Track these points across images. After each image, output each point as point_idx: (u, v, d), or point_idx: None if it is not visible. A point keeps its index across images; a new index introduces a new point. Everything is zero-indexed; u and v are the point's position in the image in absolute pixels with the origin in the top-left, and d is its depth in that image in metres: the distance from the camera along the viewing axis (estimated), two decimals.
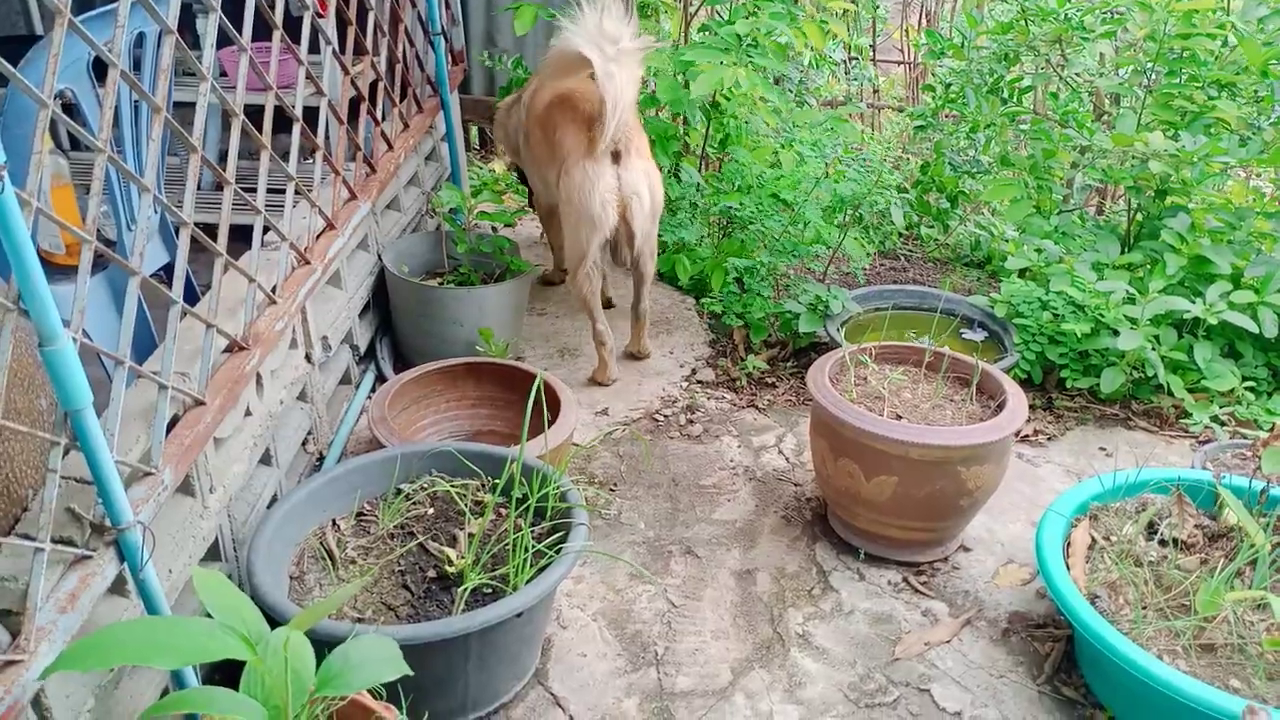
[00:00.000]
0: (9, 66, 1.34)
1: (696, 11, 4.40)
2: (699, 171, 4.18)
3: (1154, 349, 3.14)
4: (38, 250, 1.32)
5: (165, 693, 1.81)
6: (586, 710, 2.13)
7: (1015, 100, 4.36)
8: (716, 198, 3.85)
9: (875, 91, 6.10)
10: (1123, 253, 3.53)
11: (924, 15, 6.06)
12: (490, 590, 2.07)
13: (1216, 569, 2.12)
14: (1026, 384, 3.30)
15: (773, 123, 3.95)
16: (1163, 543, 2.23)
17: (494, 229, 3.63)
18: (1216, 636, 2.01)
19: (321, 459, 2.77)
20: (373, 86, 3.31)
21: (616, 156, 3.14)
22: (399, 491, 2.33)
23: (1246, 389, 3.15)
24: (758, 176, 3.90)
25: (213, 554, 2.10)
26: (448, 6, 4.23)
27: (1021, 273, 3.60)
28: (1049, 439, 3.16)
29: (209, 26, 1.99)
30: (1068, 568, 2.16)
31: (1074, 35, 3.93)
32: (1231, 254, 3.30)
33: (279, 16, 2.37)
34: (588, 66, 2.97)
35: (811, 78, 5.64)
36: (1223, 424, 3.09)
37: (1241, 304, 3.14)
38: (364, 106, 3.15)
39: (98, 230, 1.61)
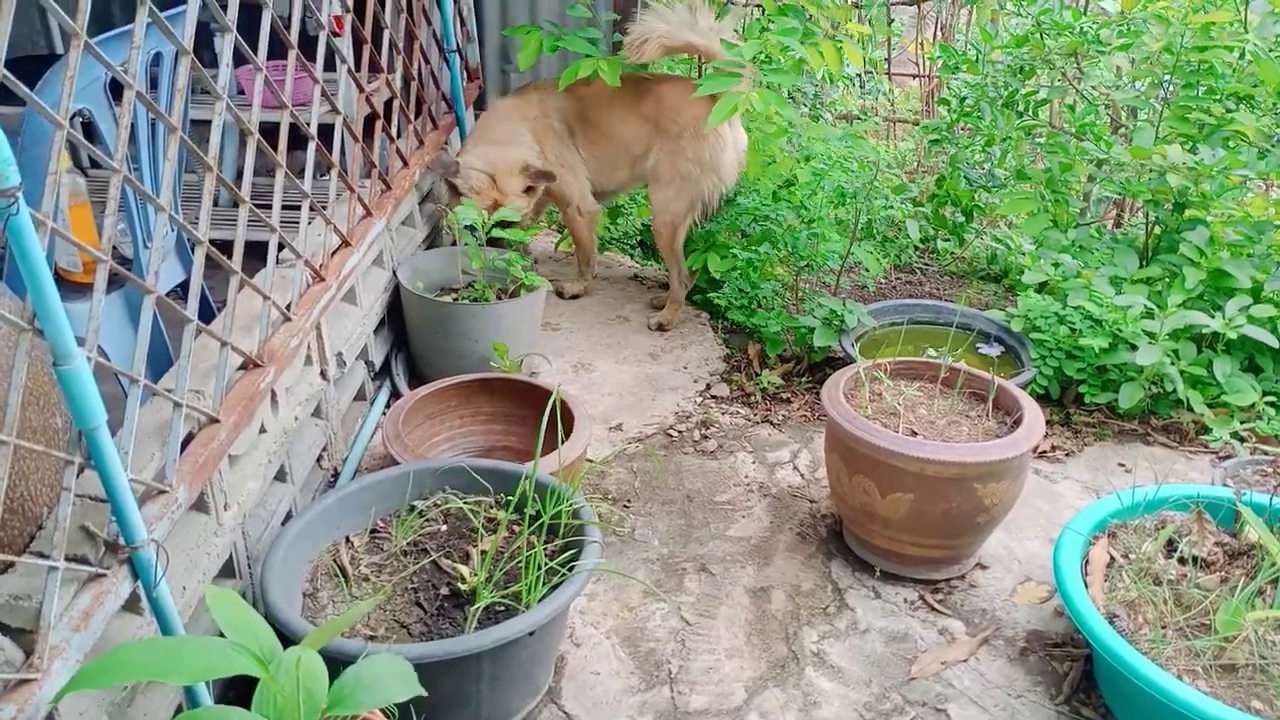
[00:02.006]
0: (25, 89, 1.35)
1: None
2: None
3: (1173, 364, 3.11)
4: (55, 268, 1.33)
5: (178, 711, 1.81)
6: None
7: (1031, 113, 4.35)
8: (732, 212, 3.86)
9: (890, 105, 6.09)
10: (1141, 266, 3.50)
11: (939, 29, 6.06)
12: (503, 608, 2.06)
13: (1237, 588, 2.09)
14: (1044, 399, 3.27)
15: (784, 135, 3.95)
16: (1182, 561, 2.20)
17: (509, 244, 3.64)
18: (1237, 656, 1.98)
19: (336, 475, 2.78)
20: (388, 104, 3.33)
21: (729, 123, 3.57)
22: (412, 508, 2.33)
23: (1267, 404, 3.12)
24: (771, 194, 3.91)
25: (227, 571, 2.11)
26: (463, 24, 4.25)
27: (1040, 287, 3.58)
28: (1067, 455, 3.13)
29: (225, 46, 2.01)
30: (1086, 586, 2.14)
31: (1090, 49, 3.92)
32: (1252, 267, 3.27)
33: (295, 35, 2.39)
34: (670, 54, 3.65)
35: (827, 92, 5.65)
36: (1243, 440, 3.06)
37: (1262, 318, 3.11)
38: (379, 124, 3.16)
39: (114, 248, 1.62)
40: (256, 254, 2.31)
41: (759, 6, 4.03)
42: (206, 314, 2.46)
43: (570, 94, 3.75)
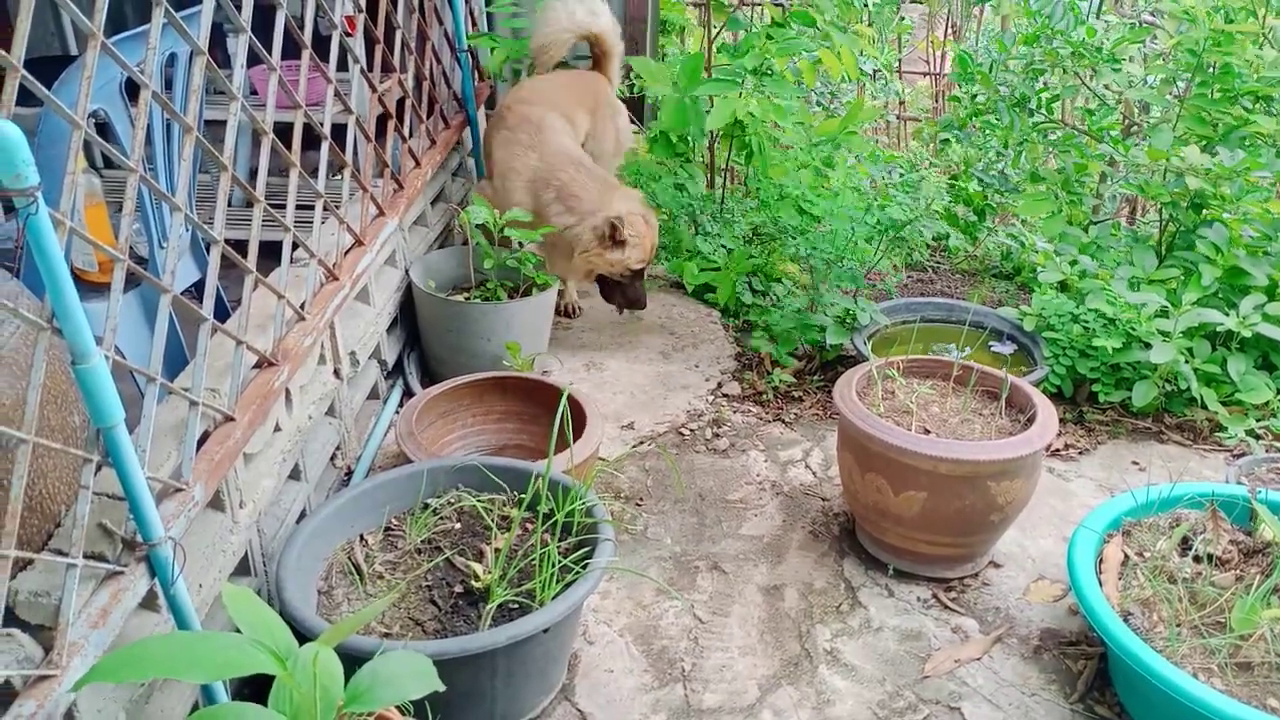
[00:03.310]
0: (44, 89, 1.36)
1: (719, 33, 4.42)
2: (723, 186, 4.20)
3: (1187, 362, 3.10)
4: (71, 268, 1.34)
5: (195, 708, 1.82)
6: None
7: (1044, 110, 4.33)
8: (745, 211, 3.86)
9: (901, 104, 6.08)
10: (1158, 266, 3.48)
11: (949, 27, 6.04)
12: (517, 606, 2.06)
13: (1252, 585, 2.08)
14: (1057, 397, 3.26)
15: (797, 139, 3.96)
16: (1197, 559, 2.20)
17: (520, 244, 3.64)
18: (1253, 654, 1.97)
19: (350, 474, 2.79)
20: (400, 103, 3.34)
21: None
22: (426, 506, 2.34)
23: None
24: (783, 193, 3.91)
25: (242, 569, 2.12)
26: (474, 23, 4.26)
27: (1061, 286, 3.56)
28: (1080, 453, 3.12)
29: (239, 47, 2.02)
30: (1100, 584, 2.13)
31: (1103, 64, 3.91)
32: (1269, 265, 3.26)
33: (308, 36, 2.40)
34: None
35: (843, 91, 5.64)
36: (1258, 437, 3.04)
37: (1277, 316, 3.09)
38: (391, 124, 3.17)
39: (130, 248, 1.63)
40: (270, 253, 2.33)
41: (763, 10, 4.06)
42: (221, 313, 2.47)
43: (544, 105, 3.74)
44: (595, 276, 3.62)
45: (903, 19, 5.86)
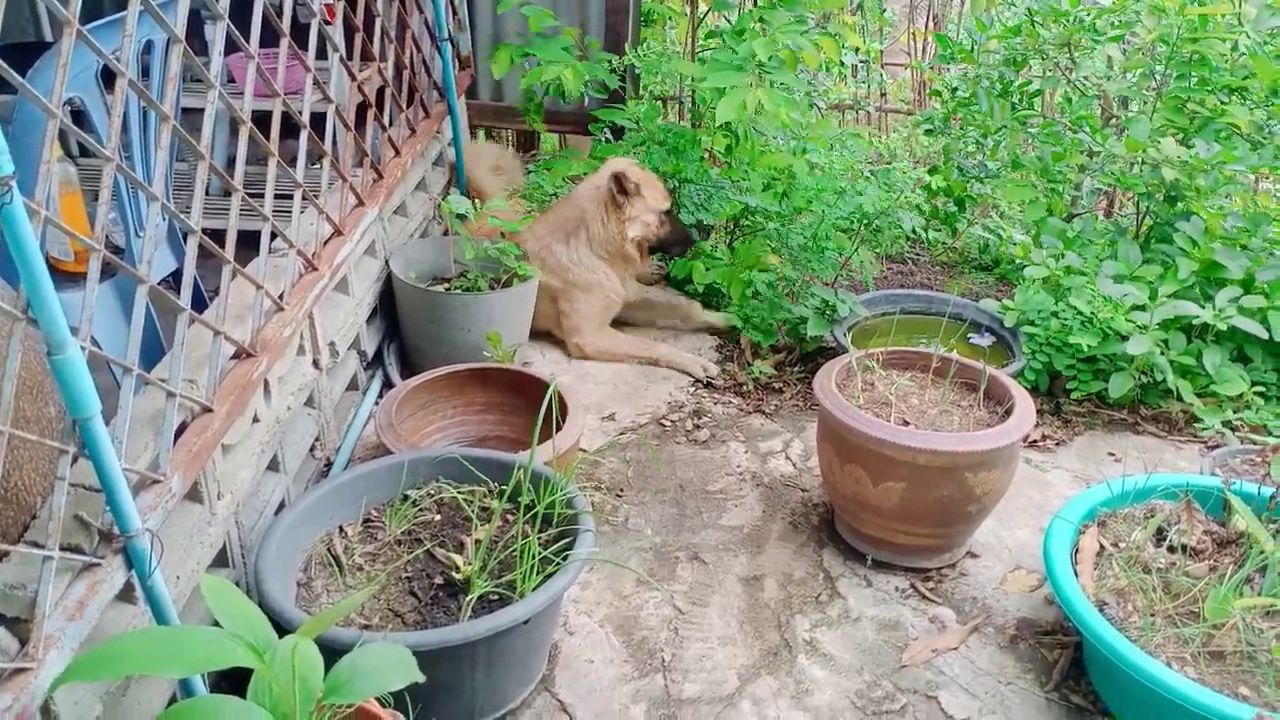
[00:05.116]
0: (18, 77, 1.34)
1: (704, 18, 4.40)
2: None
3: (1163, 354, 3.13)
4: (46, 258, 1.33)
5: (173, 700, 1.81)
6: (593, 717, 2.13)
7: (1025, 104, 4.35)
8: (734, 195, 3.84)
9: (883, 95, 6.10)
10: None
11: (931, 18, 6.05)
12: (497, 597, 2.07)
13: (1225, 576, 2.11)
14: (1033, 391, 3.28)
15: (789, 125, 3.94)
16: (1171, 549, 2.22)
17: (502, 234, 3.63)
18: (1226, 644, 2.00)
19: (329, 465, 2.78)
20: (380, 92, 3.32)
21: None
22: (406, 498, 2.33)
23: (1256, 394, 3.14)
24: (773, 180, 3.90)
25: (220, 560, 2.11)
26: (454, 12, 4.23)
27: (1044, 280, 3.58)
28: (1057, 444, 3.15)
29: (217, 34, 2.00)
30: (1076, 574, 2.15)
31: (1083, 38, 3.91)
32: (1245, 258, 3.29)
33: (287, 23, 2.38)
34: None
35: (821, 80, 5.64)
36: (1233, 429, 3.07)
37: (1252, 309, 3.12)
38: (371, 112, 3.15)
39: (106, 237, 1.61)
40: (249, 243, 2.31)
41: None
42: (198, 303, 2.45)
43: None
44: (647, 247, 3.68)
45: (884, 11, 5.86)
